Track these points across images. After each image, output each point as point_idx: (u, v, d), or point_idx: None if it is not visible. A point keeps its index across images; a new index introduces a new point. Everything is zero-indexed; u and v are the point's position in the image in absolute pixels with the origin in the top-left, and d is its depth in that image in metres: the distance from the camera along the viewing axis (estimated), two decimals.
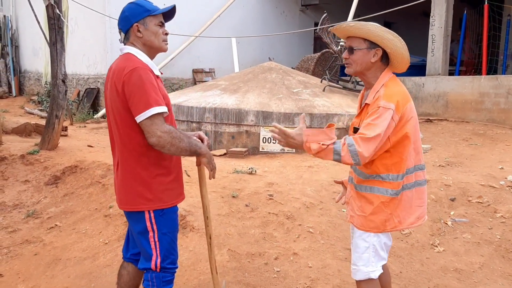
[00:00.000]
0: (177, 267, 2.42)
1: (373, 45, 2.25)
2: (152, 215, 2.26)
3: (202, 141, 2.49)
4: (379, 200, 2.28)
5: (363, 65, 2.29)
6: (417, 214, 2.36)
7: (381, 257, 2.38)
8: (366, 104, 2.31)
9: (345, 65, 2.37)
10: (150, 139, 2.13)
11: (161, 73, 2.36)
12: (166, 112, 2.17)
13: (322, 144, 2.12)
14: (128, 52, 2.24)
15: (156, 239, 2.29)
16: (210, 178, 2.51)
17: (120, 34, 2.31)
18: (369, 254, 2.35)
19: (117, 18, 2.35)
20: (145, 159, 2.22)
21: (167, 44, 2.35)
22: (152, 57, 2.31)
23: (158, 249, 2.30)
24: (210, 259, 2.74)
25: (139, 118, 2.11)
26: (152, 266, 2.31)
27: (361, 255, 2.37)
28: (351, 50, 2.30)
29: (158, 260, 2.31)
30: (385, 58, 2.31)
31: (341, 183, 2.72)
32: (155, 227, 2.27)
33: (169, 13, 2.35)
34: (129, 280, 2.52)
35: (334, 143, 2.14)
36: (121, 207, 2.34)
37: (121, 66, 2.17)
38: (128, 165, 2.24)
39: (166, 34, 2.33)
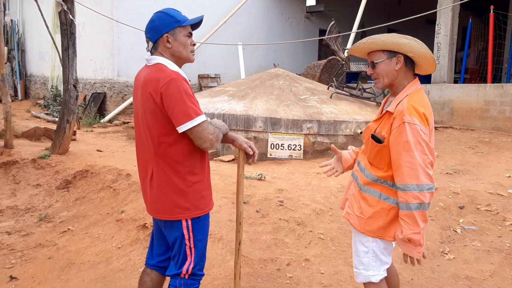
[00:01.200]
0: (203, 274, 2.44)
1: (392, 53, 2.25)
2: (189, 223, 2.28)
3: (254, 154, 2.50)
4: (380, 205, 2.28)
5: (389, 75, 2.27)
6: None
7: (383, 261, 2.39)
8: (387, 111, 2.29)
9: (374, 81, 2.37)
10: (203, 145, 2.18)
11: (190, 80, 2.38)
12: (206, 119, 2.22)
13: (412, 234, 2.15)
14: (158, 63, 2.24)
15: (192, 246, 2.31)
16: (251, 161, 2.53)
17: (148, 43, 2.31)
18: (369, 259, 2.37)
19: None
20: (181, 168, 2.23)
21: (194, 55, 2.37)
22: (179, 66, 2.31)
23: (193, 255, 2.33)
24: (236, 264, 2.74)
25: (184, 128, 2.13)
26: (183, 271, 2.33)
27: (361, 259, 2.40)
28: (373, 65, 2.30)
29: (191, 266, 2.33)
30: (409, 63, 2.29)
31: (337, 153, 2.72)
32: (191, 234, 2.29)
33: (197, 23, 2.36)
34: (151, 286, 2.53)
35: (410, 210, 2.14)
36: (157, 217, 2.35)
37: (155, 77, 2.16)
38: (164, 175, 2.24)
39: (194, 45, 2.35)
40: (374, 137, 2.30)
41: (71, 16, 5.68)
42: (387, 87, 2.34)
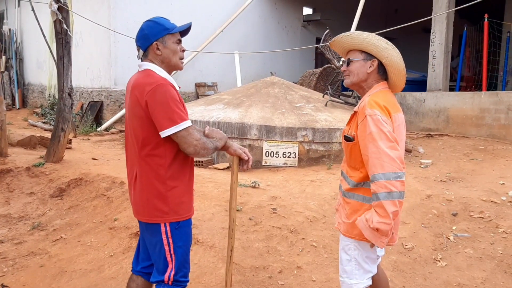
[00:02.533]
0: (188, 281, 2.44)
1: (369, 56, 2.33)
2: (168, 228, 2.30)
3: (248, 160, 2.54)
4: (364, 208, 2.29)
5: (360, 75, 2.34)
6: (397, 233, 2.41)
7: (366, 270, 2.40)
8: (354, 111, 2.37)
9: (344, 77, 2.44)
10: (187, 149, 2.22)
11: (179, 87, 2.42)
12: (192, 125, 2.26)
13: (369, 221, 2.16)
14: (148, 69, 2.30)
15: (172, 252, 2.32)
16: (247, 168, 2.57)
17: (139, 51, 2.37)
18: (351, 267, 2.39)
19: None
20: (162, 172, 2.27)
21: (183, 62, 2.43)
22: (169, 73, 2.36)
23: (174, 261, 2.34)
24: (227, 271, 2.74)
25: (167, 132, 2.17)
26: (166, 278, 2.34)
27: (344, 268, 2.42)
28: (348, 62, 2.38)
29: (172, 273, 2.34)
30: (382, 72, 2.36)
31: None
32: (170, 240, 2.31)
33: (186, 30, 2.43)
34: None
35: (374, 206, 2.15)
36: (138, 218, 2.39)
37: (142, 82, 2.22)
38: (146, 178, 2.28)
39: (183, 51, 2.41)
40: (345, 138, 2.37)
41: (65, 26, 5.71)
42: (354, 86, 2.41)
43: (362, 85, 2.38)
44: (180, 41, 2.38)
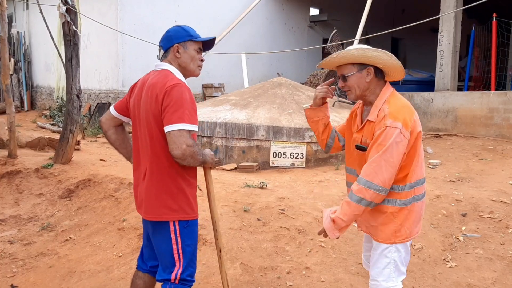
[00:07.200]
0: (194, 281, 2.45)
1: (362, 66, 2.29)
2: (177, 226, 2.32)
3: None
4: (388, 210, 2.30)
5: (361, 87, 2.31)
6: (420, 224, 2.43)
7: (401, 272, 2.40)
8: (368, 120, 2.32)
9: (346, 93, 2.41)
10: (174, 151, 2.18)
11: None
12: (196, 131, 2.27)
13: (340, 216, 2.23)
14: (166, 69, 2.36)
15: (180, 251, 2.34)
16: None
17: (160, 51, 2.45)
18: (390, 270, 2.36)
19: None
20: (173, 170, 2.29)
21: (200, 70, 2.49)
22: (185, 78, 2.42)
23: (182, 260, 2.36)
24: (221, 272, 2.74)
25: (168, 128, 2.18)
26: (172, 277, 2.36)
27: (382, 270, 2.38)
28: (344, 78, 2.33)
29: (179, 271, 2.36)
30: (379, 73, 2.33)
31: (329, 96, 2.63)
32: (179, 239, 2.33)
33: (209, 44, 2.50)
34: None
35: (350, 197, 2.23)
36: (146, 217, 2.38)
37: (163, 81, 2.27)
38: (157, 175, 2.31)
39: (202, 60, 2.47)
40: (358, 147, 2.35)
41: (74, 27, 5.75)
42: (360, 98, 2.38)
43: (366, 94, 2.34)
44: (201, 50, 2.45)
